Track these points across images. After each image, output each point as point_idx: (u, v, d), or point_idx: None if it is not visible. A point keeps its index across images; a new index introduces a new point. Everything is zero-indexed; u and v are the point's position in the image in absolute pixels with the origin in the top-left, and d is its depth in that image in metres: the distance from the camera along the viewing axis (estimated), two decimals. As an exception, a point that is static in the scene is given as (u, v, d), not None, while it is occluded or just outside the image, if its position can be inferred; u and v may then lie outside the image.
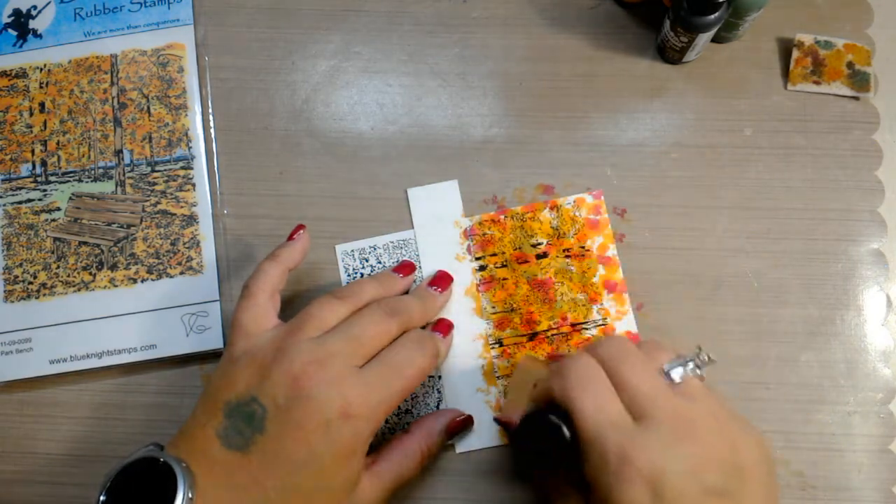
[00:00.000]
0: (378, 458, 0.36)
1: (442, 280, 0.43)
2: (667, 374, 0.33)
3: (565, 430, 0.31)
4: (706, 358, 0.33)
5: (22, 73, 0.48)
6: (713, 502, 0.29)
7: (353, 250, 0.45)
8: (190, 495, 0.31)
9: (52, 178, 0.46)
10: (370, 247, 0.45)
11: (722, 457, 0.30)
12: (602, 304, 0.43)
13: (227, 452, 0.33)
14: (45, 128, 0.47)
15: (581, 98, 0.47)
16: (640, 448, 0.29)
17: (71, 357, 0.43)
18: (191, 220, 0.45)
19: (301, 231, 0.41)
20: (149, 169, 0.46)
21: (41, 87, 0.48)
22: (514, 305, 0.43)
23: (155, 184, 0.46)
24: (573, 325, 0.43)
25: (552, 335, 0.43)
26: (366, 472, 0.35)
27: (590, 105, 0.47)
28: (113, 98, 0.47)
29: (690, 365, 0.33)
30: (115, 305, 0.44)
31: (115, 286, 0.44)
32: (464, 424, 0.41)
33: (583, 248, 0.44)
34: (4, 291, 0.45)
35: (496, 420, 0.42)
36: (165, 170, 0.46)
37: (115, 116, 0.47)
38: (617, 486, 0.29)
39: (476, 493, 0.41)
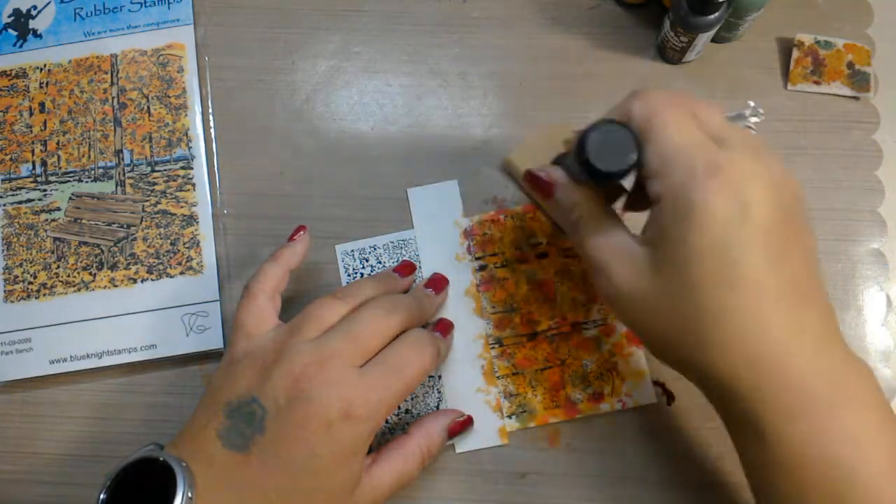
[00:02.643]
0: (378, 459, 0.36)
1: (437, 283, 0.42)
2: None
3: (633, 137, 0.31)
4: (759, 111, 0.36)
5: (22, 73, 0.48)
6: (788, 223, 0.30)
7: (353, 250, 0.45)
8: (189, 494, 0.31)
9: (52, 178, 0.46)
10: (370, 247, 0.45)
11: (786, 181, 0.31)
12: (602, 303, 0.43)
13: (228, 452, 0.33)
14: (45, 128, 0.47)
15: (581, 98, 0.47)
16: (729, 160, 0.29)
17: (71, 357, 0.43)
18: (191, 220, 0.45)
19: (302, 232, 0.41)
20: (149, 169, 0.46)
21: (41, 87, 0.48)
22: (514, 305, 0.43)
23: (155, 184, 0.46)
24: (573, 324, 0.43)
25: (552, 335, 0.43)
26: (366, 472, 0.35)
27: (590, 105, 0.47)
28: (113, 98, 0.47)
29: (747, 112, 0.36)
30: (115, 305, 0.44)
31: (115, 286, 0.44)
32: (464, 427, 0.41)
33: (583, 248, 0.44)
34: (4, 291, 0.45)
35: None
36: (165, 170, 0.46)
37: (115, 116, 0.47)
38: (704, 197, 0.29)
39: (476, 493, 0.41)
